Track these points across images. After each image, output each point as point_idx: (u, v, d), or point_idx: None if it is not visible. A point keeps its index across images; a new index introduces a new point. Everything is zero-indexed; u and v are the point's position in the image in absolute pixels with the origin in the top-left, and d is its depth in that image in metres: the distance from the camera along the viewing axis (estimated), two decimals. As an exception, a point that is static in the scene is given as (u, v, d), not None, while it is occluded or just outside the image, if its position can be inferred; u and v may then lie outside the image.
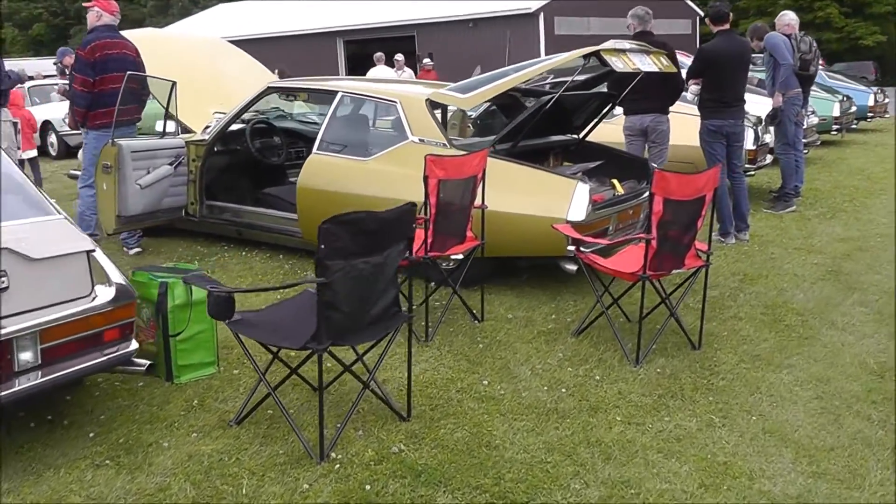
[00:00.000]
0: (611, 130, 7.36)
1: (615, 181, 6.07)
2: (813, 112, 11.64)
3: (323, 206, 5.91)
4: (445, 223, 4.51)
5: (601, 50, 5.09)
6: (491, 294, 5.43)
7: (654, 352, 4.45)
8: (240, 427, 3.60)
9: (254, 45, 35.76)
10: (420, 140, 5.60)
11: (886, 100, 16.33)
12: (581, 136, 6.58)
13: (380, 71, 15.33)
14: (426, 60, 17.93)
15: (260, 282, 5.92)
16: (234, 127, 7.10)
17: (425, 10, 32.35)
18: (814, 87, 13.58)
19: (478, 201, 4.76)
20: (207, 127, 6.89)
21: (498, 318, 4.99)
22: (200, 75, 7.62)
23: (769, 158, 9.10)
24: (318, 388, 3.26)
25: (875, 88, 16.23)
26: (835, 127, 13.07)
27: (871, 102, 15.40)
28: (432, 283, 5.17)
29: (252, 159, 7.06)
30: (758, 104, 9.44)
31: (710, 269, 4.66)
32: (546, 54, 30.74)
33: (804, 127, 11.02)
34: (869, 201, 8.95)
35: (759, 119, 8.65)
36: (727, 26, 6.85)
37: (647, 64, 5.50)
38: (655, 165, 6.39)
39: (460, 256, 4.72)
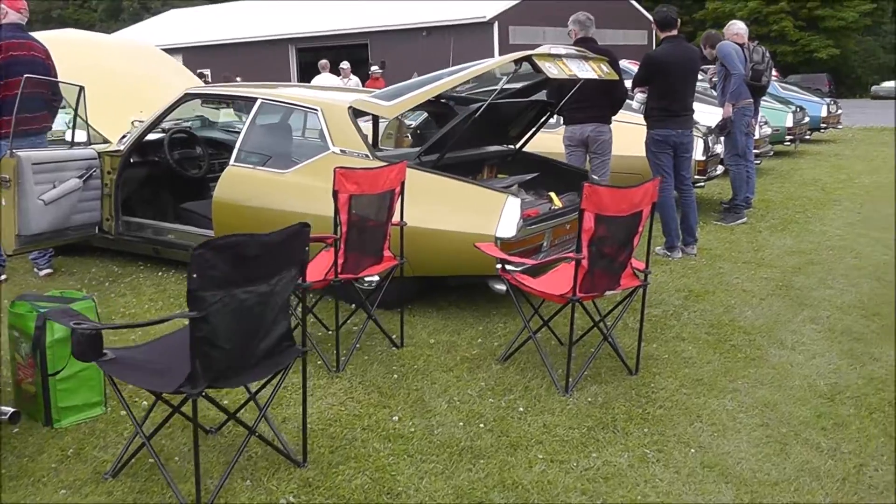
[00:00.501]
0: (555, 141, 7.04)
1: (552, 194, 5.73)
2: (766, 122, 11.47)
3: (240, 223, 5.50)
4: (359, 242, 4.11)
5: (533, 55, 4.73)
6: (415, 316, 5.03)
7: (587, 378, 4.08)
8: (115, 480, 3.14)
9: (206, 52, 35.44)
10: (342, 151, 5.20)
11: (839, 111, 16.29)
12: (517, 146, 6.22)
13: (324, 79, 14.81)
14: (374, 68, 17.52)
15: (172, 306, 5.46)
16: (153, 137, 6.65)
17: (379, 18, 32.11)
18: (767, 98, 13.49)
19: (396, 217, 4.36)
20: (124, 136, 6.42)
21: (419, 344, 4.58)
22: (121, 81, 7.15)
23: (720, 169, 8.84)
24: (194, 437, 2.82)
25: (828, 100, 16.18)
26: (788, 137, 12.91)
27: (824, 113, 15.32)
28: (353, 305, 4.77)
29: (171, 171, 6.60)
30: (708, 114, 9.23)
31: (650, 288, 4.33)
32: (504, 66, 30.75)
33: (756, 137, 10.87)
34: (822, 212, 8.71)
35: (709, 129, 8.39)
36: (675, 32, 6.55)
37: (586, 70, 5.15)
38: (597, 178, 6.05)
39: (376, 278, 4.31)
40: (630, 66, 18.17)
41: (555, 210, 5.38)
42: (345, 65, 15.68)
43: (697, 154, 8.10)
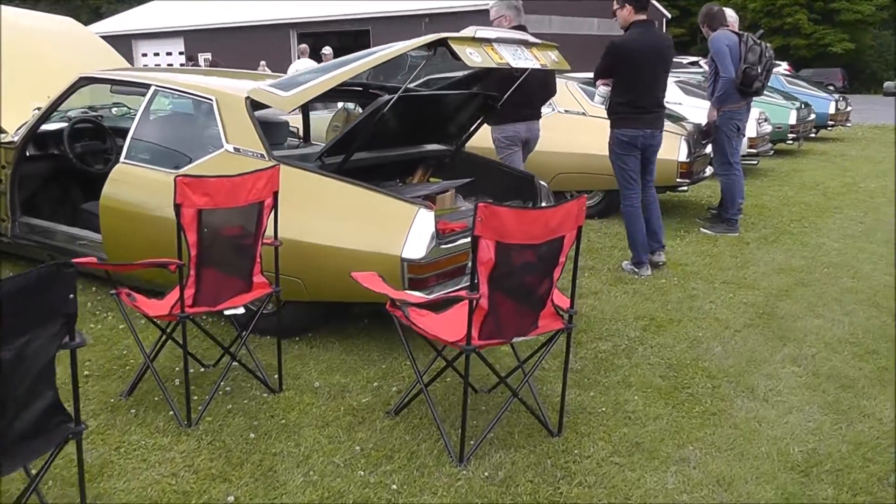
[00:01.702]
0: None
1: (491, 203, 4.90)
2: (766, 119, 10.59)
3: (128, 228, 4.73)
4: (216, 268, 3.30)
5: (451, 38, 3.89)
6: (312, 348, 4.22)
7: (493, 441, 3.26)
8: None
9: (208, 36, 34.75)
10: (235, 149, 4.39)
11: (849, 108, 15.34)
12: (456, 145, 5.38)
13: (302, 64, 13.95)
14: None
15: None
16: (54, 126, 5.86)
17: (381, 5, 31.36)
18: (769, 93, 12.60)
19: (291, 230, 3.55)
20: (22, 126, 5.64)
21: (301, 387, 3.75)
22: (33, 63, 6.35)
23: (709, 170, 7.99)
24: None
25: (837, 95, 15.23)
26: (790, 136, 12.01)
27: (831, 110, 14.39)
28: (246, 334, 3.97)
29: (73, 167, 5.80)
30: (698, 109, 8.33)
31: (602, 316, 3.53)
32: (506, 54, 29.89)
33: (753, 135, 9.99)
34: (820, 221, 7.84)
35: (695, 128, 7.52)
36: (644, 16, 5.69)
37: (525, 59, 4.30)
38: (544, 184, 5.21)
39: (240, 310, 3.49)
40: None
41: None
42: (326, 50, 14.83)
43: (681, 156, 7.27)
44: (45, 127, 5.79)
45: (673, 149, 7.29)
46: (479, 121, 5.30)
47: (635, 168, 5.70)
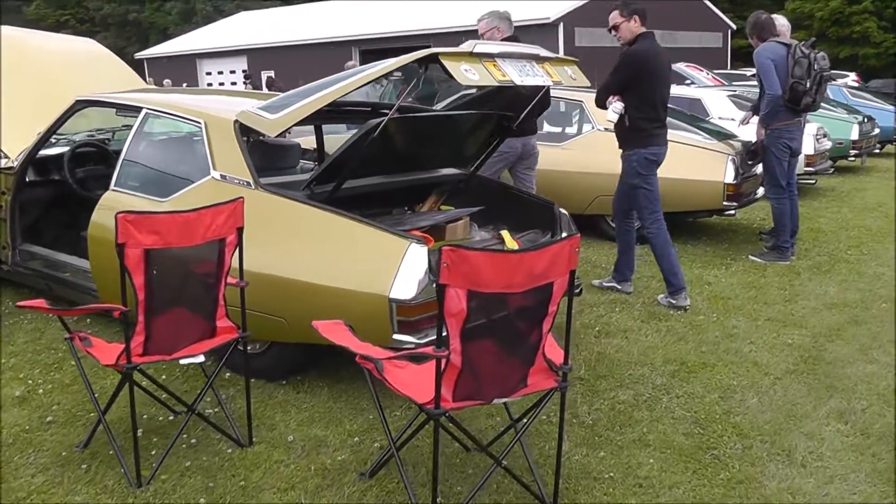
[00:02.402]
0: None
1: (505, 233, 4.50)
2: (825, 135, 9.93)
3: (115, 259, 4.44)
4: (170, 313, 2.96)
5: (443, 53, 3.49)
6: (299, 392, 3.86)
7: (478, 518, 2.84)
8: None
9: (271, 54, 35.16)
10: (222, 177, 4.08)
11: (918, 121, 14.44)
12: (471, 169, 4.98)
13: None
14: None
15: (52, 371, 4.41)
16: (57, 151, 5.67)
17: (442, 20, 31.27)
18: (828, 106, 11.88)
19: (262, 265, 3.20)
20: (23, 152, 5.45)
21: (274, 441, 3.38)
22: (36, 86, 6.18)
23: (761, 191, 7.42)
24: None
25: (905, 108, 14.35)
26: (852, 152, 11.28)
27: (898, 124, 13.57)
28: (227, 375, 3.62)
29: (76, 193, 5.59)
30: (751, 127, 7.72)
31: (632, 356, 3.06)
32: (573, 67, 29.41)
33: (810, 153, 9.36)
34: (880, 248, 7.20)
35: (745, 146, 6.98)
36: (645, 27, 5.33)
37: (534, 75, 3.88)
38: (564, 212, 4.75)
39: (200, 358, 3.14)
40: (690, 70, 16.64)
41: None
42: (350, 63, 14.54)
43: (727, 177, 6.75)
44: (48, 151, 5.59)
45: (718, 169, 6.78)
46: (494, 143, 4.89)
47: (658, 187, 5.30)
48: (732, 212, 6.91)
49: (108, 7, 54.57)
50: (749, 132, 7.49)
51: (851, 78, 30.07)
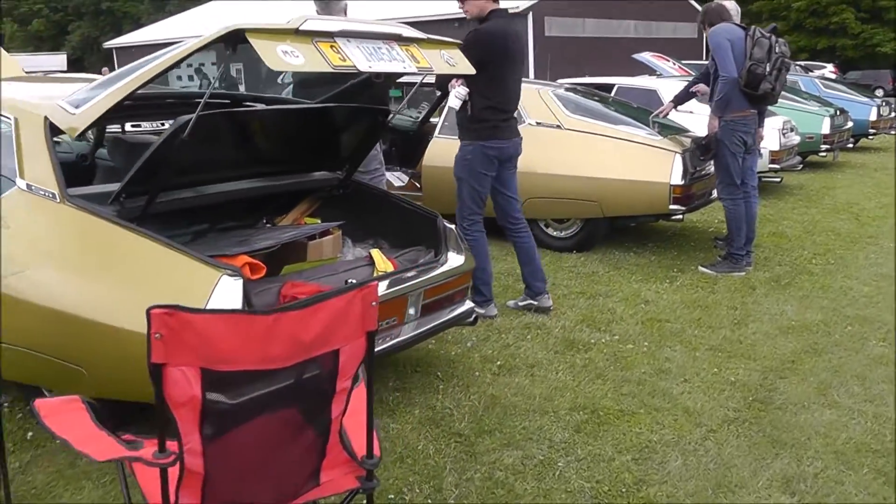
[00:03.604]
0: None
1: (376, 252, 3.65)
2: (792, 129, 9.16)
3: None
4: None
5: (249, 31, 2.63)
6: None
7: None
8: None
9: (244, 45, 33.95)
10: (28, 187, 3.21)
11: (892, 114, 13.70)
12: (345, 173, 4.12)
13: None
14: None
15: None
16: None
17: (408, 9, 30.39)
18: (800, 98, 11.11)
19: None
20: None
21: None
22: None
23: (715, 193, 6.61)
24: None
25: (879, 100, 13.61)
26: (824, 147, 10.51)
27: (873, 116, 12.78)
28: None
29: None
30: (702, 118, 6.92)
31: (533, 401, 2.23)
32: (535, 57, 28.61)
33: (775, 148, 8.58)
34: (849, 255, 6.40)
35: (693, 142, 6.15)
36: (498, 4, 4.57)
37: (390, 59, 3.01)
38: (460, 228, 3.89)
39: None
40: (655, 60, 15.83)
41: (352, 284, 3.31)
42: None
43: (674, 177, 5.92)
44: None
45: (663, 169, 5.95)
46: (371, 142, 4.05)
47: (488, 189, 4.63)
48: (680, 216, 6.08)
49: (82, -4, 53.66)
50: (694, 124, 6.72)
51: (829, 69, 29.51)
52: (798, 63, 27.53)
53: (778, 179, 9.02)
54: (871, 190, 9.48)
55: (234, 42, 2.69)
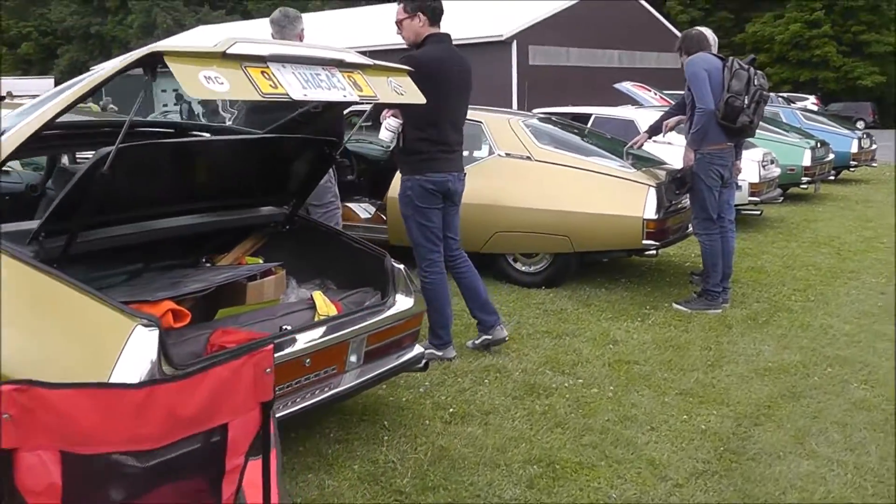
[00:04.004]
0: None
1: (318, 295, 3.38)
2: (772, 161, 8.99)
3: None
4: None
5: (167, 54, 2.38)
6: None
7: None
8: None
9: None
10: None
11: (874, 146, 13.59)
12: (291, 209, 3.86)
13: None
14: None
15: None
16: None
17: (393, 37, 30.36)
18: (781, 131, 10.98)
19: None
20: None
21: None
22: None
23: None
24: None
25: (860, 132, 13.51)
26: (804, 179, 10.35)
27: (854, 149, 12.67)
28: None
29: None
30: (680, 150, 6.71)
31: (484, 453, 1.92)
32: (518, 85, 28.56)
33: (754, 181, 8.40)
34: (830, 292, 6.17)
35: (672, 174, 5.92)
36: (440, 28, 4.37)
37: (329, 87, 2.77)
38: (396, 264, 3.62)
39: None
40: (635, 90, 15.73)
41: (288, 331, 3.05)
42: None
43: (647, 211, 5.69)
44: None
45: (636, 202, 5.72)
46: (318, 175, 3.80)
47: (440, 224, 4.33)
48: (654, 252, 5.84)
49: (70, 20, 54.08)
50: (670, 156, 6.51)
51: (811, 101, 29.63)
52: (781, 94, 27.68)
53: (758, 212, 8.82)
54: (853, 223, 9.30)
55: (152, 66, 2.44)
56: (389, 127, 4.19)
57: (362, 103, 3.03)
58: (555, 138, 6.49)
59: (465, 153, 6.67)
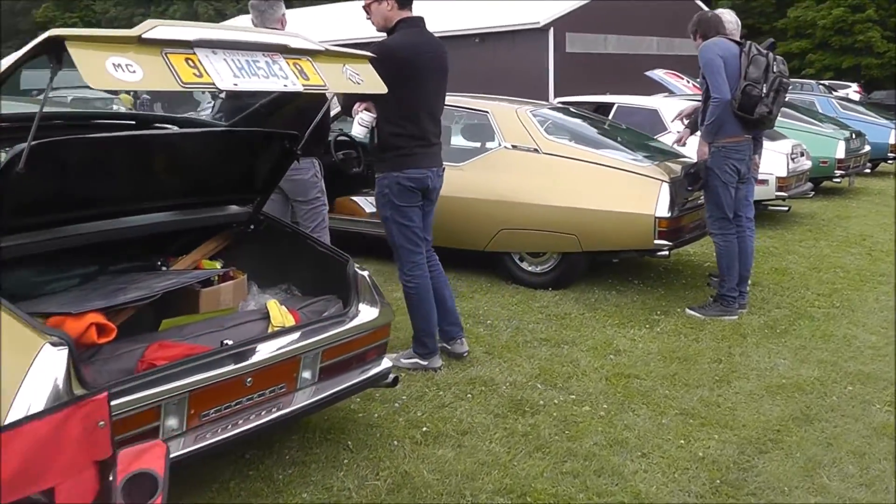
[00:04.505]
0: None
1: (273, 304, 3.10)
2: (802, 154, 8.53)
3: None
4: None
5: (69, 38, 2.09)
6: None
7: None
8: None
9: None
10: None
11: (915, 136, 12.95)
12: (254, 207, 3.58)
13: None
14: None
15: None
16: None
17: (429, 25, 30.07)
18: (812, 120, 10.46)
19: None
20: None
21: None
22: None
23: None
24: None
25: (901, 121, 12.89)
26: (838, 172, 9.83)
27: (892, 140, 12.06)
28: None
29: None
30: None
31: (453, 480, 1.63)
32: (555, 73, 28.06)
33: (782, 175, 7.96)
34: (857, 297, 5.75)
35: (685, 169, 5.53)
36: (412, 12, 4.02)
37: (268, 76, 2.47)
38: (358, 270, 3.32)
39: None
40: (667, 77, 15.21)
41: (229, 346, 2.77)
42: None
43: (659, 209, 5.32)
44: None
45: (648, 199, 5.35)
46: (280, 171, 3.51)
47: (420, 223, 4.03)
48: (666, 252, 5.46)
49: (114, 10, 54.59)
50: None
51: (853, 88, 28.66)
52: (822, 82, 26.81)
53: (786, 208, 8.36)
54: (887, 220, 8.78)
55: (57, 52, 2.15)
56: (362, 122, 3.88)
57: (309, 92, 2.71)
58: (566, 129, 6.14)
59: (472, 145, 6.40)
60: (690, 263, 6.63)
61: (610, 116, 8.52)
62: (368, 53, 3.05)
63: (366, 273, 3.22)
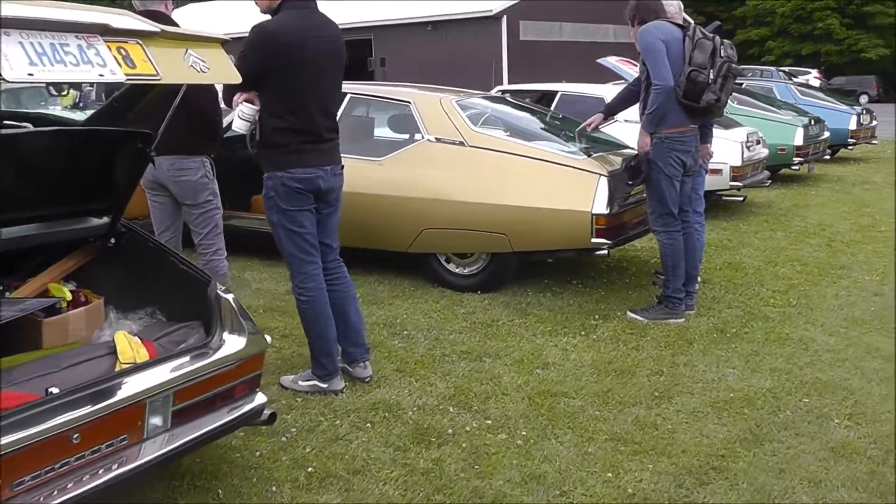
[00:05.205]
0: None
1: (121, 336, 2.58)
2: (758, 142, 8.13)
3: None
4: None
5: None
6: None
7: None
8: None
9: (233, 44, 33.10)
10: None
11: (874, 122, 12.65)
12: (111, 219, 3.04)
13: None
14: None
15: None
16: None
17: (381, 12, 29.74)
18: (771, 107, 10.09)
19: None
20: None
21: None
22: None
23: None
24: None
25: (860, 108, 12.57)
26: (796, 159, 9.46)
27: (852, 125, 11.74)
28: None
29: None
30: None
31: None
32: (509, 61, 27.68)
33: (736, 164, 7.54)
34: (815, 293, 5.31)
35: (625, 162, 5.04)
36: None
37: (79, 62, 1.95)
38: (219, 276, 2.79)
39: None
40: (620, 65, 14.75)
41: (52, 395, 2.23)
42: None
43: (596, 206, 4.83)
44: None
45: (585, 195, 4.85)
46: (135, 176, 2.97)
47: (313, 229, 3.51)
48: (605, 251, 4.98)
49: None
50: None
51: (813, 75, 28.60)
52: (782, 69, 26.66)
53: (741, 199, 7.95)
54: (848, 208, 8.40)
55: None
56: (243, 115, 3.34)
57: (134, 83, 2.18)
58: (494, 120, 5.65)
59: (394, 138, 5.88)
60: (636, 260, 6.16)
61: (552, 106, 8.03)
62: (223, 37, 2.51)
63: (230, 297, 2.69)
